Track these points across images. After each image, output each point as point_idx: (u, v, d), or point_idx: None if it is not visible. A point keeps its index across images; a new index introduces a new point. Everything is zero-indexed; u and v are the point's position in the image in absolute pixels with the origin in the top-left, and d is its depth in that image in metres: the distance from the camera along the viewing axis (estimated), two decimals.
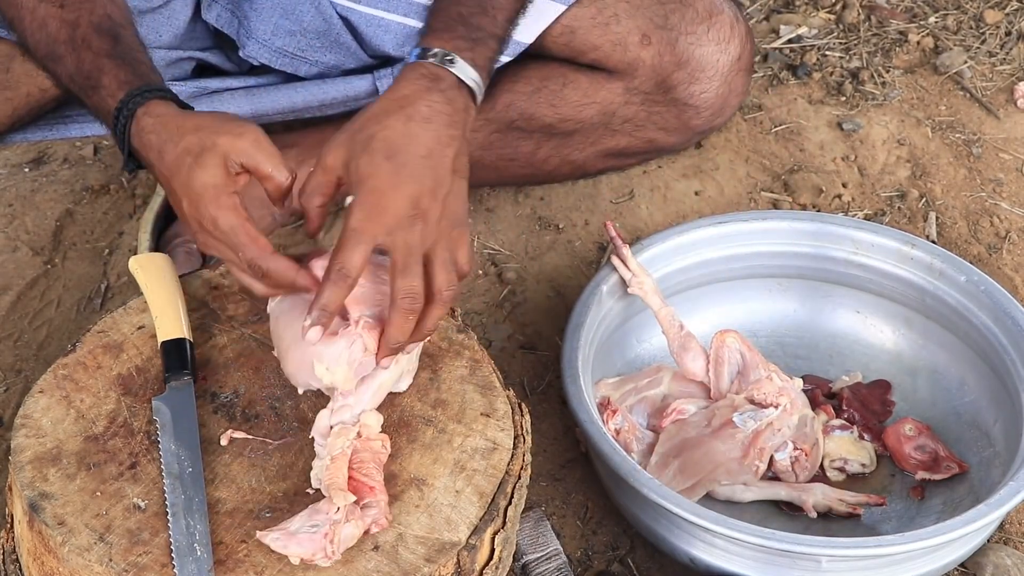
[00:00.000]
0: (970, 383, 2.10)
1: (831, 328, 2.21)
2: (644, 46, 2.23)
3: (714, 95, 2.29)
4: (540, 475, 2.06)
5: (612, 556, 1.98)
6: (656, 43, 2.23)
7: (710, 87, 2.28)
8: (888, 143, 2.58)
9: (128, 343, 1.70)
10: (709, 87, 2.28)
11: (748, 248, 2.18)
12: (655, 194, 2.47)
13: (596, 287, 2.06)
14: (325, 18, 2.17)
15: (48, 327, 2.26)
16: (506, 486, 1.58)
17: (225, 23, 2.19)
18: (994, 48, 2.78)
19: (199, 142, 1.60)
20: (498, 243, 2.38)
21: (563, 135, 2.31)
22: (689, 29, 2.24)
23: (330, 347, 1.57)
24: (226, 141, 1.59)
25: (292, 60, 2.20)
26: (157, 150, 1.63)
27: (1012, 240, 2.42)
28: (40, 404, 1.62)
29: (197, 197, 1.58)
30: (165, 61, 2.11)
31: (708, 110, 2.31)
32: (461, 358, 1.72)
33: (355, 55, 2.21)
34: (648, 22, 2.22)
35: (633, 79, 2.25)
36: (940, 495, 2.01)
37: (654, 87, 2.27)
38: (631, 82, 2.26)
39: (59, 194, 2.46)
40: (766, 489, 1.99)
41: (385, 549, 1.50)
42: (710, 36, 2.25)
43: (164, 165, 1.62)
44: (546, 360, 2.22)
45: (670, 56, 2.24)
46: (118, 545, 1.48)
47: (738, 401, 1.99)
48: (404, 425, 1.63)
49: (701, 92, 2.28)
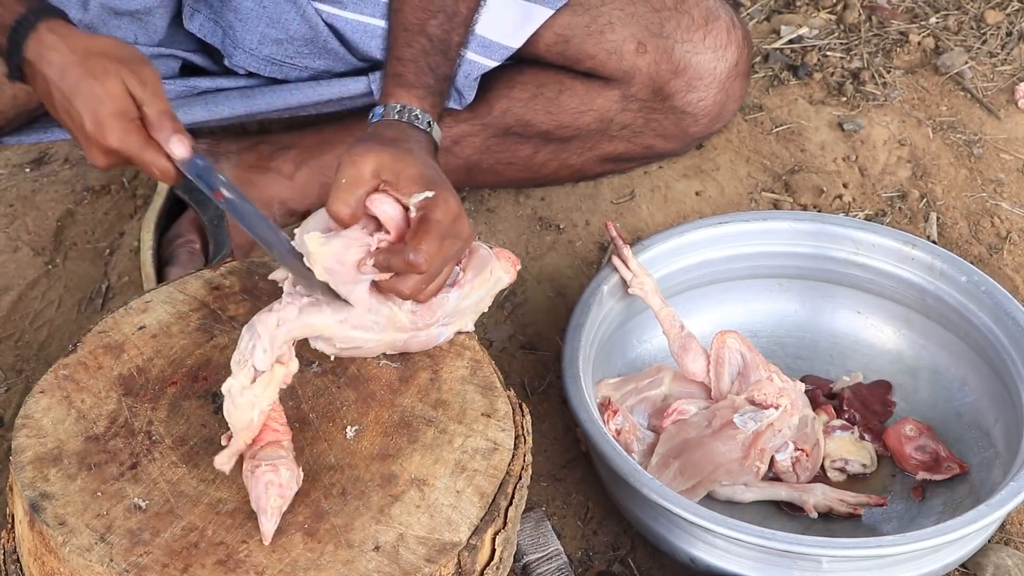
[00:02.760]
0: (971, 383, 2.10)
1: (832, 328, 2.21)
2: (640, 54, 2.22)
3: (712, 102, 2.29)
4: (541, 475, 2.06)
5: (613, 556, 1.98)
6: (652, 51, 2.22)
7: (708, 94, 2.28)
8: (889, 143, 2.59)
9: (129, 343, 1.70)
10: (707, 94, 2.28)
11: (749, 248, 2.18)
12: (656, 194, 2.47)
13: (597, 287, 2.06)
14: (311, 25, 2.15)
15: (49, 327, 2.26)
16: (507, 486, 1.58)
17: (208, 33, 2.18)
18: (995, 48, 2.78)
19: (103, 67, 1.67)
20: (499, 243, 2.38)
21: (561, 140, 2.31)
22: (685, 37, 2.23)
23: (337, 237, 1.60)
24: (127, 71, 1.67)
25: (281, 67, 2.20)
26: (59, 67, 1.69)
27: (1013, 240, 2.43)
28: (41, 404, 1.62)
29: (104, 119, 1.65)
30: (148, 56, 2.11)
31: (706, 117, 2.31)
32: (462, 358, 1.72)
33: (344, 60, 2.21)
34: (643, 30, 2.22)
35: (630, 87, 2.25)
36: (941, 495, 2.01)
37: (651, 95, 2.26)
38: (628, 90, 2.26)
39: (60, 194, 2.46)
40: (767, 489, 1.99)
41: (386, 549, 1.50)
42: (707, 43, 2.25)
43: (65, 83, 1.68)
44: (547, 360, 2.22)
45: (667, 64, 2.23)
46: (119, 545, 1.48)
47: (739, 402, 1.99)
48: (405, 426, 1.63)
49: (699, 100, 2.28)
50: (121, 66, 1.68)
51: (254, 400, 1.52)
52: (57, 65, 1.69)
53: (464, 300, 1.69)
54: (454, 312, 1.69)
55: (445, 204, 1.62)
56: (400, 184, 1.62)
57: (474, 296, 1.70)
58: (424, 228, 1.60)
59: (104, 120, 1.65)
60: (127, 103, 1.66)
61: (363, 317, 1.62)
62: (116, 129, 1.65)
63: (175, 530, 1.50)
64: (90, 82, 1.67)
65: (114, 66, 1.68)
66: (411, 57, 1.79)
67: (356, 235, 1.62)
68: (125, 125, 1.65)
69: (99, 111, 1.65)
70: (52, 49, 1.70)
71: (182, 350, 1.69)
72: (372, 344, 1.65)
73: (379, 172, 1.63)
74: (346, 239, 1.61)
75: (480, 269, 1.70)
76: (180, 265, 2.20)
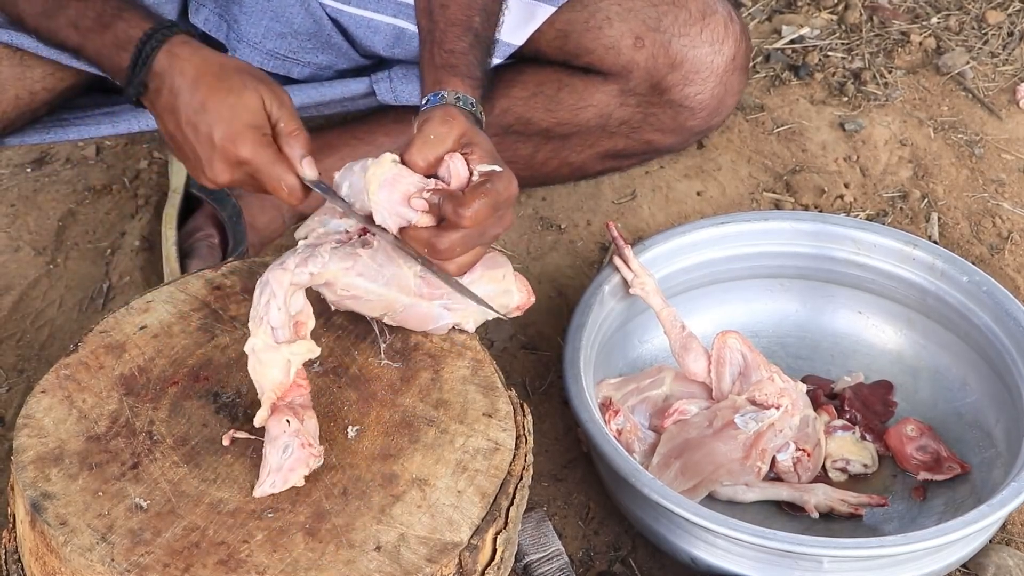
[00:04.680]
0: (972, 384, 2.10)
1: (833, 328, 2.21)
2: (637, 49, 2.23)
3: (709, 96, 2.29)
4: (542, 475, 2.06)
5: (614, 556, 1.98)
6: (649, 45, 2.23)
7: (705, 88, 2.28)
8: (890, 143, 2.59)
9: (130, 343, 1.70)
10: (704, 88, 2.28)
11: (750, 248, 2.18)
12: (657, 194, 2.47)
13: (598, 287, 2.06)
14: (315, 20, 2.17)
15: (50, 327, 2.26)
16: (508, 486, 1.58)
17: (213, 27, 2.19)
18: (996, 49, 2.78)
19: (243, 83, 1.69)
20: (500, 243, 2.38)
21: (561, 138, 2.31)
22: (682, 31, 2.24)
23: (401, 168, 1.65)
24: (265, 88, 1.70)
25: (284, 62, 2.20)
26: (192, 79, 1.70)
27: (1014, 241, 2.43)
28: (42, 404, 1.62)
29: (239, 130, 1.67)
30: None
31: (704, 111, 2.31)
32: (463, 359, 1.72)
33: (347, 55, 2.22)
34: (641, 24, 2.22)
35: (628, 82, 2.26)
36: (942, 496, 2.01)
37: (649, 89, 2.27)
38: (626, 85, 2.26)
39: (61, 194, 2.46)
40: (768, 490, 2.00)
41: (387, 549, 1.50)
42: (704, 37, 2.25)
43: (199, 94, 1.69)
44: (548, 360, 2.22)
45: (664, 58, 2.24)
46: (120, 545, 1.48)
47: (740, 402, 1.99)
48: (406, 425, 1.63)
49: (696, 94, 2.28)
50: (259, 83, 1.70)
51: (291, 358, 1.56)
52: (191, 76, 1.71)
53: (471, 286, 1.69)
54: (458, 298, 1.70)
55: (508, 181, 1.66)
56: (475, 153, 1.67)
57: (480, 288, 1.70)
58: (483, 191, 1.63)
59: (239, 130, 1.66)
60: (263, 117, 1.68)
61: (370, 266, 1.65)
62: (249, 141, 1.66)
63: (176, 530, 1.50)
64: (226, 94, 1.68)
65: (253, 82, 1.70)
66: (462, 51, 1.81)
67: (418, 177, 1.66)
68: (259, 138, 1.67)
69: (234, 121, 1.66)
70: (187, 61, 1.72)
71: (183, 350, 1.69)
72: (372, 297, 1.66)
73: (461, 137, 1.67)
74: (409, 173, 1.66)
75: (493, 266, 1.72)
76: (200, 258, 2.22)
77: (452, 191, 1.65)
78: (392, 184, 1.64)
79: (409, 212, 1.65)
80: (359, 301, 1.67)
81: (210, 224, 2.28)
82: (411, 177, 1.66)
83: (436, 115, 1.69)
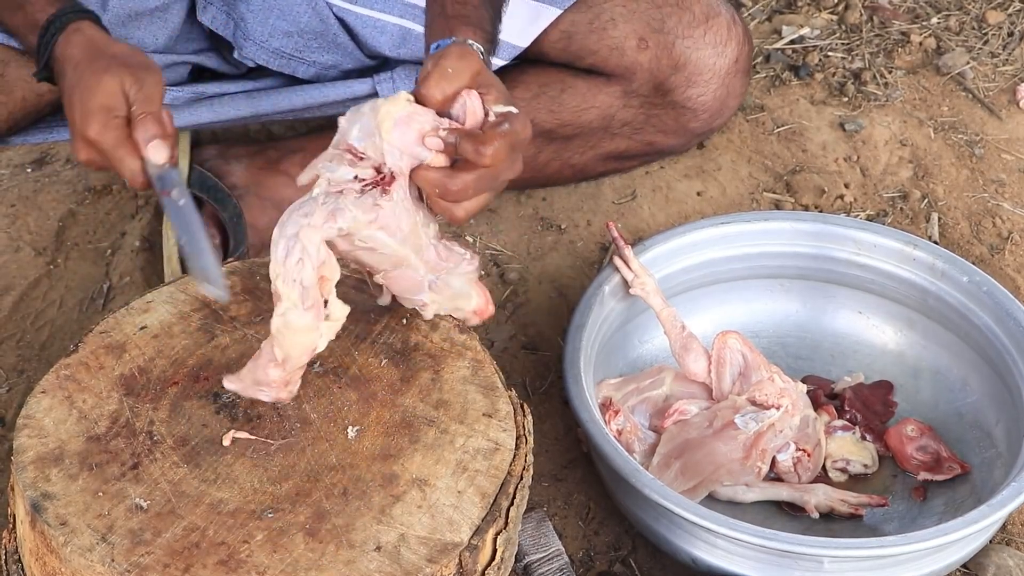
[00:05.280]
0: (972, 384, 2.10)
1: (833, 329, 2.21)
2: (641, 50, 2.23)
3: (712, 98, 2.30)
4: (542, 476, 2.06)
5: (614, 556, 1.98)
6: (653, 47, 2.23)
7: (708, 90, 2.28)
8: (890, 144, 2.59)
9: (130, 343, 1.70)
10: (707, 90, 2.28)
11: (750, 249, 2.18)
12: (657, 194, 2.47)
13: (598, 288, 2.06)
14: (322, 19, 2.17)
15: (50, 327, 2.26)
16: (508, 487, 1.58)
17: (220, 25, 2.19)
18: (996, 49, 2.78)
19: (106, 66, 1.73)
20: (500, 244, 2.38)
21: (563, 139, 2.31)
22: (686, 32, 2.24)
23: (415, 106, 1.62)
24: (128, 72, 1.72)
25: (289, 61, 2.21)
26: (74, 64, 1.76)
27: (1014, 241, 2.42)
28: (42, 404, 1.62)
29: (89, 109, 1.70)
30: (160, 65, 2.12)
31: (706, 113, 2.32)
32: (463, 359, 1.72)
33: (352, 55, 2.22)
34: (645, 26, 2.23)
35: (631, 83, 2.26)
36: (942, 496, 2.01)
37: (652, 91, 2.27)
38: (629, 86, 2.26)
39: (61, 194, 2.46)
40: (768, 490, 2.00)
41: (387, 549, 1.50)
42: (707, 39, 2.26)
43: (72, 77, 1.75)
44: (548, 361, 2.22)
45: (667, 60, 2.24)
46: (120, 545, 1.48)
47: (740, 402, 1.99)
48: (406, 426, 1.63)
49: (699, 95, 2.29)
50: (124, 68, 1.72)
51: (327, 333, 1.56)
52: (72, 62, 1.76)
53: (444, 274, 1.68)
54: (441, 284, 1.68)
55: (525, 124, 1.63)
56: (491, 93, 1.64)
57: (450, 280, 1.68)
58: (500, 131, 1.60)
59: (91, 111, 1.70)
60: (116, 100, 1.70)
61: (391, 219, 1.59)
62: (97, 122, 1.69)
63: (176, 530, 1.50)
64: (89, 76, 1.72)
65: (116, 66, 1.72)
66: (475, 4, 1.79)
67: (432, 115, 1.62)
68: (107, 120, 1.69)
69: (88, 103, 1.70)
70: (75, 47, 1.78)
71: (183, 350, 1.69)
72: (388, 251, 1.61)
73: (477, 75, 1.64)
74: (423, 111, 1.61)
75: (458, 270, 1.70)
76: None
77: (470, 130, 1.60)
78: (407, 122, 1.59)
79: (423, 151, 1.59)
80: (373, 254, 1.62)
81: (211, 224, 2.28)
82: (426, 115, 1.60)
83: (453, 51, 1.64)
